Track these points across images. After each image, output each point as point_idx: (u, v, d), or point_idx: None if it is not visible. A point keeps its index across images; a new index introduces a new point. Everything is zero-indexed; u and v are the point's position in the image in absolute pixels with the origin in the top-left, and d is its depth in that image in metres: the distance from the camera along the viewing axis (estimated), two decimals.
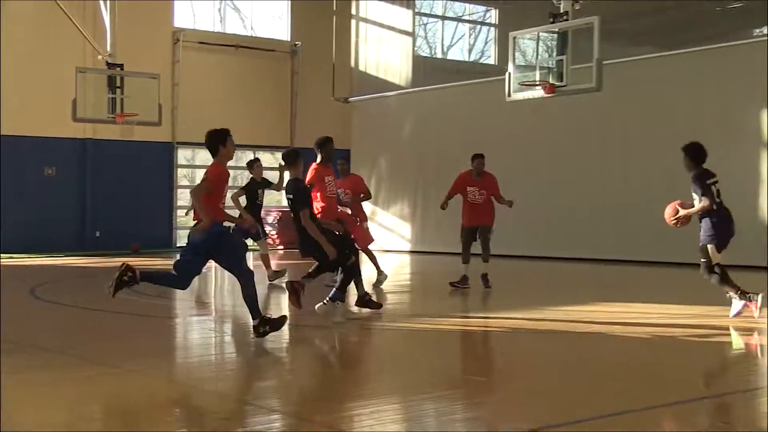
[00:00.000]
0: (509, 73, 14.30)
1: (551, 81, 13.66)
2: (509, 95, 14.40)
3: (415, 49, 24.48)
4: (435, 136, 21.94)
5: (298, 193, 8.95)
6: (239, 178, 26.13)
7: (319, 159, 11.08)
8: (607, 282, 14.35)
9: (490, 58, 25.82)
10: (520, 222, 19.84)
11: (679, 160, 15.80)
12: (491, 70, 23.73)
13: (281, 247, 23.72)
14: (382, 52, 24.17)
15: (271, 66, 24.73)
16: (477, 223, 12.65)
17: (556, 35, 13.85)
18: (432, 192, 20.41)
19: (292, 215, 9.27)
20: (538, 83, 13.79)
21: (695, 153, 9.31)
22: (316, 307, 9.15)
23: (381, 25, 24.33)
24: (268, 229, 24.13)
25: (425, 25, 25.46)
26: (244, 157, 25.33)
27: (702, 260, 9.16)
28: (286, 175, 9.40)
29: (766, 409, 5.53)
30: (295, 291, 9.32)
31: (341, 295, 9.25)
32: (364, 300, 9.95)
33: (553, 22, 13.70)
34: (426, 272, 16.92)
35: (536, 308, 10.56)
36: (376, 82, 24.03)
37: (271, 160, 26.25)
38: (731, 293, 9.27)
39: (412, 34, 24.20)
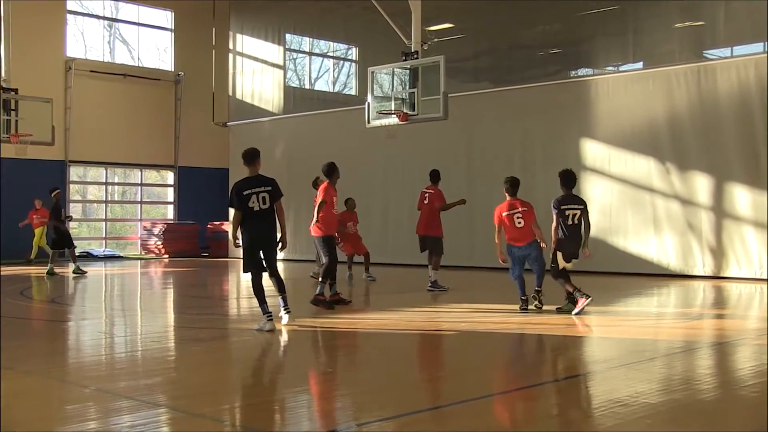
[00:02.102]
0: (368, 103, 14.39)
1: (404, 110, 13.86)
2: (368, 122, 14.50)
3: (286, 80, 24.38)
4: (304, 158, 21.84)
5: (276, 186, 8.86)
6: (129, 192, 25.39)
7: (328, 180, 11.22)
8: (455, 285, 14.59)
9: (352, 89, 25.96)
10: (386, 232, 20.03)
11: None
12: (353, 100, 23.85)
13: (166, 256, 23.14)
14: (257, 82, 23.96)
15: (156, 93, 24.19)
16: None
17: (408, 71, 14.05)
18: (303, 210, 20.30)
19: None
20: (393, 112, 13.95)
21: (564, 179, 9.85)
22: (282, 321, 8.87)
23: (255, 59, 24.13)
24: (153, 240, 23.53)
25: (295, 59, 25.40)
26: (132, 175, 24.71)
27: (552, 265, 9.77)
28: None
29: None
30: (319, 302, 10.30)
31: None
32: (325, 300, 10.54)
33: (405, 60, 13.94)
34: (297, 278, 16.82)
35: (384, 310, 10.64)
36: (251, 109, 23.80)
37: (156, 177, 25.65)
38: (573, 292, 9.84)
39: (283, 67, 24.10)
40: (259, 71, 23.98)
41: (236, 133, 23.88)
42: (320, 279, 10.62)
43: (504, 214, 9.98)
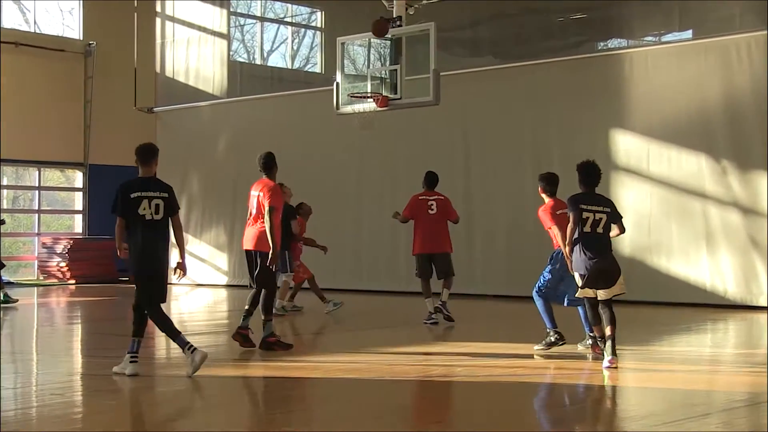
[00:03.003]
0: (337, 84, 14.38)
1: (384, 93, 13.84)
2: (338, 108, 14.50)
3: (231, 53, 24.30)
4: (254, 152, 21.60)
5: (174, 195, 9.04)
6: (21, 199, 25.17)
7: (268, 177, 11.64)
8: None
9: (316, 65, 25.93)
10: (360, 251, 19.98)
11: (523, 181, 16.23)
12: (317, 79, 23.82)
13: (73, 282, 22.94)
14: (192, 55, 23.87)
15: (59, 69, 23.99)
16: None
17: (389, 42, 14.00)
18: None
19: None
20: (369, 95, 13.93)
21: (583, 173, 9.64)
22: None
23: (190, 25, 24.04)
24: (55, 260, 23.33)
25: (242, 26, 25.33)
26: (27, 174, 24.51)
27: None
28: None
29: None
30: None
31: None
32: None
33: None
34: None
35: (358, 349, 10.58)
36: (185, 90, 23.70)
37: (60, 179, 25.46)
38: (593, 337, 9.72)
39: (227, 37, 24.02)
40: (196, 41, 23.92)
41: (166, 122, 23.79)
42: (264, 317, 10.53)
43: (559, 212, 10.02)
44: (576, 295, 9.43)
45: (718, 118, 16.05)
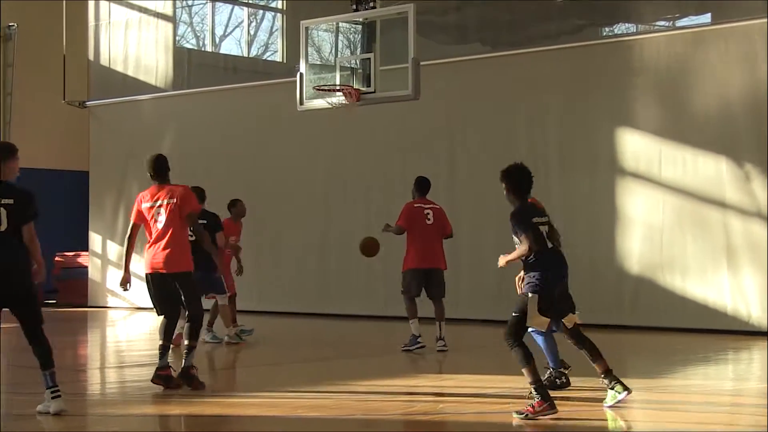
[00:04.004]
0: (301, 74, 14.40)
1: (355, 86, 13.90)
2: (301, 103, 14.52)
3: (177, 39, 24.22)
4: (204, 153, 21.68)
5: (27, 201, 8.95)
6: None
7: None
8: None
9: (277, 54, 25.92)
10: (327, 267, 19.95)
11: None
12: (277, 69, 23.79)
13: None
14: (132, 41, 23.73)
15: None
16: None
17: (360, 27, 14.12)
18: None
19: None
20: (338, 88, 13.99)
21: (516, 180, 9.14)
22: None
23: (129, 6, 23.92)
24: None
25: (190, 7, 25.28)
26: None
27: (513, 314, 8.85)
28: None
29: None
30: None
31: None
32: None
33: (356, 10, 13.91)
34: None
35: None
36: (123, 82, 23.55)
37: None
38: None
39: (173, 20, 23.92)
40: (135, 25, 23.81)
41: (100, 118, 23.66)
42: (190, 342, 10.35)
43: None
44: (528, 324, 9.18)
45: (741, 115, 16.09)
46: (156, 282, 10.39)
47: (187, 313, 10.37)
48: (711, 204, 16.31)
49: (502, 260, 9.09)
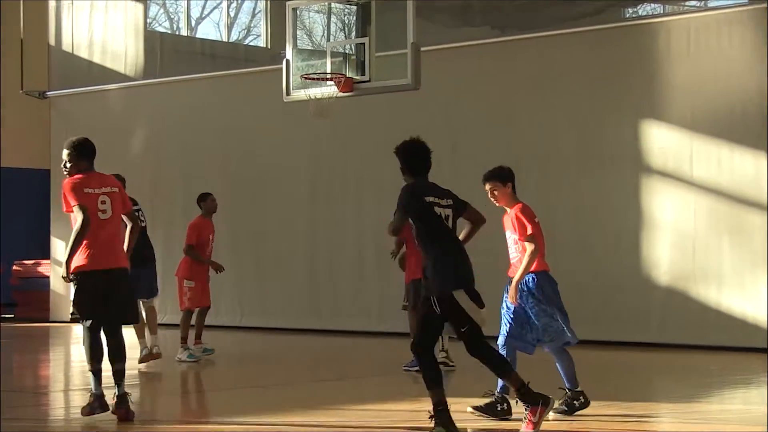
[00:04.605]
0: (287, 61, 14.40)
1: (348, 74, 13.97)
2: (288, 93, 14.57)
3: (149, 22, 24.18)
4: (180, 149, 21.62)
5: None
6: None
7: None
8: None
9: (259, 38, 25.83)
10: (315, 276, 19.85)
11: (526, 186, 16.18)
12: (261, 55, 23.72)
13: None
14: (98, 24, 23.75)
15: None
16: None
17: (354, 8, 14.14)
18: (178, 232, 20.00)
19: None
20: (328, 76, 14.05)
21: (410, 156, 9.40)
22: None
23: None
24: None
25: None
26: None
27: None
28: None
29: None
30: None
31: None
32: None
33: None
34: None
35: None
36: (88, 70, 23.60)
37: None
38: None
39: (143, 0, 23.89)
40: (102, 6, 23.79)
41: (62, 110, 23.62)
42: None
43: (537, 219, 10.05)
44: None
45: None
46: (106, 280, 9.94)
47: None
48: (749, 206, 16.20)
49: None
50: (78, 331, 20.63)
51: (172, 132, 21.91)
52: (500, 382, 9.62)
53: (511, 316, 9.85)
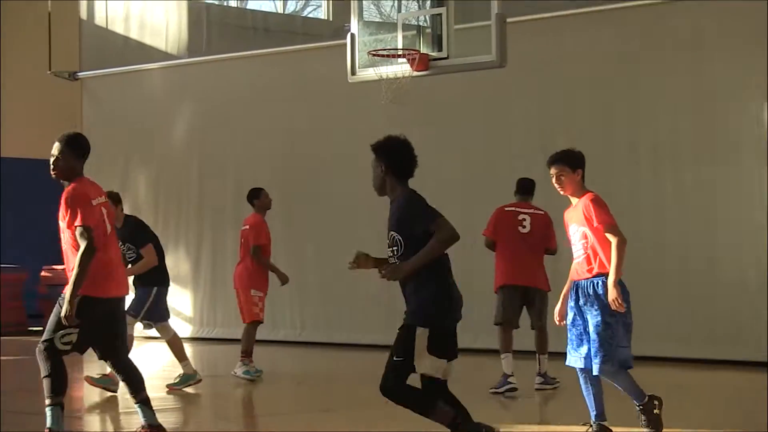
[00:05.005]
0: (352, 36, 14.52)
1: (422, 50, 14.01)
2: (353, 72, 14.66)
3: None
4: (228, 136, 21.71)
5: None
6: None
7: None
8: None
9: (320, 9, 25.88)
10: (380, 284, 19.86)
11: (638, 179, 16.01)
12: (321, 29, 23.76)
13: None
14: None
15: None
16: None
17: None
18: (229, 230, 20.14)
19: None
20: (400, 53, 14.08)
21: (400, 157, 9.62)
22: None
23: None
24: None
25: None
26: None
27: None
28: None
29: None
30: None
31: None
32: None
33: None
34: (220, 375, 16.67)
35: None
36: (124, 48, 23.76)
37: None
38: None
39: None
40: None
41: (95, 93, 23.83)
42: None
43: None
44: (425, 371, 8.88)
45: None
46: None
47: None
48: None
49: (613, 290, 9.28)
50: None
51: (219, 118, 22.00)
52: (594, 411, 9.67)
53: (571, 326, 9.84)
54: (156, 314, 14.14)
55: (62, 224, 9.87)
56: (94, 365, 14.45)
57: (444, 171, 18.94)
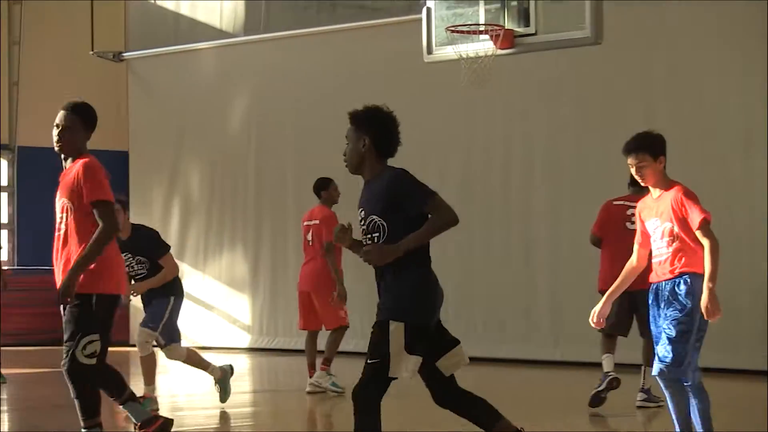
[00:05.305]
0: (428, 9, 14.54)
1: (507, 25, 14.01)
2: (429, 51, 14.69)
3: None
4: (290, 122, 21.73)
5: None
6: None
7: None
8: None
9: None
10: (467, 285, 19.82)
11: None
12: (394, 3, 23.68)
13: None
14: None
15: None
16: None
17: None
18: (291, 225, 20.14)
19: None
20: (481, 29, 14.11)
21: (385, 130, 9.06)
22: None
23: None
24: None
25: None
26: None
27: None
28: None
29: None
30: None
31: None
32: None
33: None
34: (281, 392, 16.65)
35: None
36: (174, 25, 23.84)
37: None
38: None
39: None
40: None
41: (142, 75, 24.00)
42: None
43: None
44: (405, 372, 8.51)
45: None
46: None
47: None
48: None
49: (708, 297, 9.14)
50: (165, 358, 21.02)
51: (279, 102, 22.05)
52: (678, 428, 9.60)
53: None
54: (168, 330, 13.83)
55: (68, 203, 9.71)
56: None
57: (530, 160, 18.92)
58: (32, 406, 15.61)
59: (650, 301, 9.59)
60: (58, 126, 9.92)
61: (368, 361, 8.30)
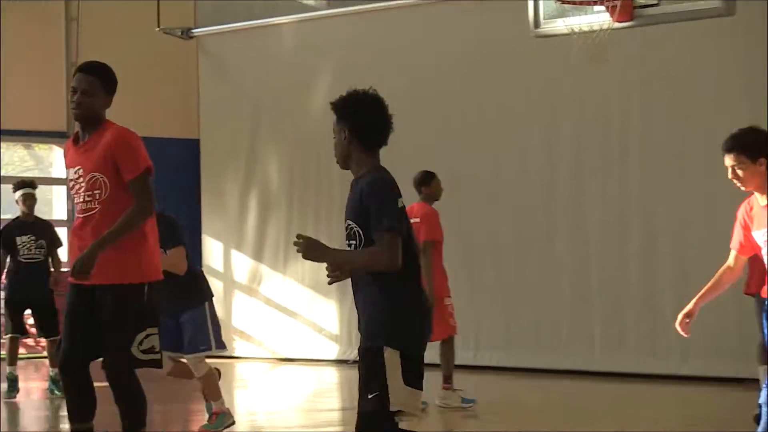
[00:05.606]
0: None
1: None
2: (537, 24, 14.90)
3: None
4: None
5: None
6: None
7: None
8: None
9: None
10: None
11: None
12: None
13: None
14: None
15: None
16: None
17: None
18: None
19: None
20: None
21: (371, 119, 8.78)
22: None
23: None
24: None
25: None
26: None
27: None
28: None
29: None
30: None
31: None
32: None
33: None
34: None
35: None
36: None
37: (25, 162, 25.85)
38: None
39: None
40: None
41: (214, 53, 24.20)
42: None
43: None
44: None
45: None
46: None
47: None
48: None
49: None
50: (243, 369, 21.02)
51: (365, 82, 21.80)
52: None
53: None
54: (218, 336, 13.22)
55: (102, 178, 9.80)
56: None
57: (656, 147, 18.78)
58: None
59: (764, 316, 9.47)
60: (75, 90, 9.92)
61: (368, 396, 8.08)
